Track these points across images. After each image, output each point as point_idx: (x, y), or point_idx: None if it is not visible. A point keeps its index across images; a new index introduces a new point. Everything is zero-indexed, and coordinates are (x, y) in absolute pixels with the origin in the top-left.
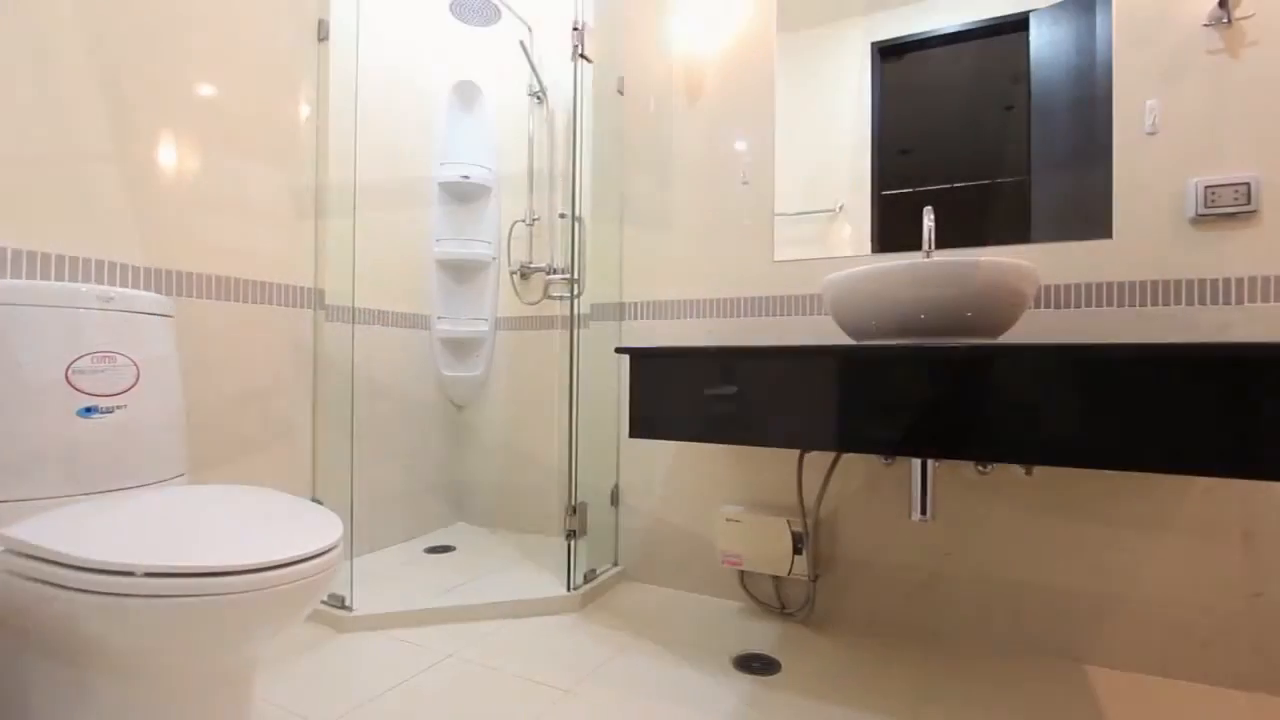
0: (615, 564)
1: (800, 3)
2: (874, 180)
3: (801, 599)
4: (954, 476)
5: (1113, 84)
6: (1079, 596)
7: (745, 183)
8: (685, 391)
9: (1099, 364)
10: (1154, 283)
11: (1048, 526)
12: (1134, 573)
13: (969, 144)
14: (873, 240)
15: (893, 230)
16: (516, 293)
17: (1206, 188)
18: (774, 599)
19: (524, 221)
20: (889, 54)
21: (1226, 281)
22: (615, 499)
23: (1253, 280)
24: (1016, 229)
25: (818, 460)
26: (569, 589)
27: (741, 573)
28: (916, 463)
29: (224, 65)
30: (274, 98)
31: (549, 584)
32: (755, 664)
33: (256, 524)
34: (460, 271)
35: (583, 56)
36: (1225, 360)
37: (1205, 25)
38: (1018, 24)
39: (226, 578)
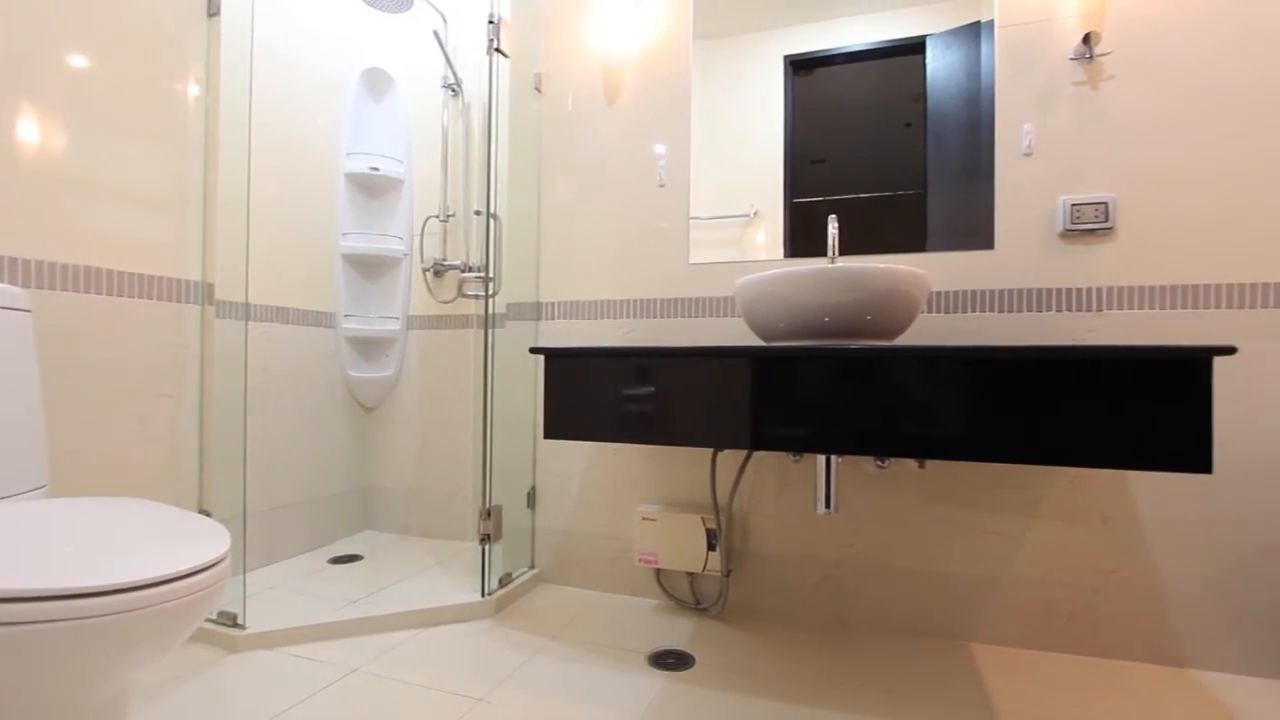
0: (532, 567)
1: (715, 13)
2: (787, 187)
3: (715, 594)
4: (856, 471)
5: (995, 108)
6: (964, 579)
7: (662, 185)
8: (600, 392)
9: (979, 365)
10: (1029, 290)
11: (938, 516)
12: (1010, 556)
13: (874, 157)
14: (785, 245)
15: (805, 236)
16: (430, 291)
17: (1073, 205)
18: (689, 595)
19: (438, 217)
20: (800, 67)
21: (1089, 291)
22: (532, 501)
23: (1111, 290)
24: (914, 238)
25: (731, 458)
26: (483, 595)
27: (658, 571)
28: (821, 459)
29: (98, 34)
30: (157, 73)
31: (462, 590)
32: (670, 660)
33: (127, 539)
34: (369, 267)
35: (499, 51)
36: (1083, 362)
37: (1072, 59)
38: (916, 46)
39: (90, 599)
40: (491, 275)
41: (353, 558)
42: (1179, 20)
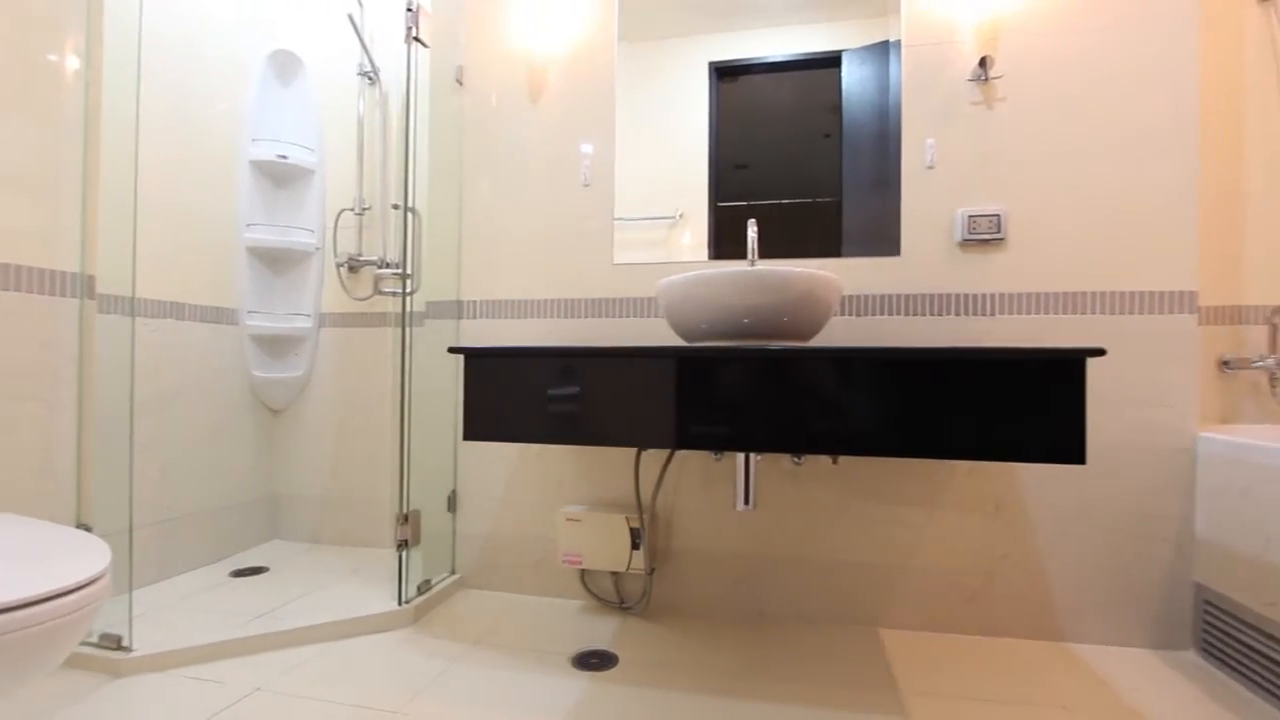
0: (453, 572)
1: (640, 16)
2: (712, 191)
3: (639, 592)
4: (775, 468)
5: (902, 122)
6: (874, 568)
7: (587, 185)
8: (522, 393)
9: (886, 366)
10: (932, 296)
11: (850, 509)
12: (915, 544)
13: (795, 165)
14: (710, 247)
15: (730, 239)
16: (344, 287)
17: (969, 217)
18: (614, 595)
19: (353, 210)
20: (725, 74)
21: (985, 296)
22: (453, 505)
23: (1003, 296)
24: (831, 244)
25: (655, 457)
26: (400, 603)
27: (582, 571)
28: (741, 457)
29: None
30: (27, 41)
31: (378, 599)
32: (593, 660)
33: None
34: (277, 261)
35: (418, 40)
36: (976, 363)
37: (969, 80)
38: (833, 60)
39: None
40: (410, 272)
41: (258, 569)
42: (1062, 53)
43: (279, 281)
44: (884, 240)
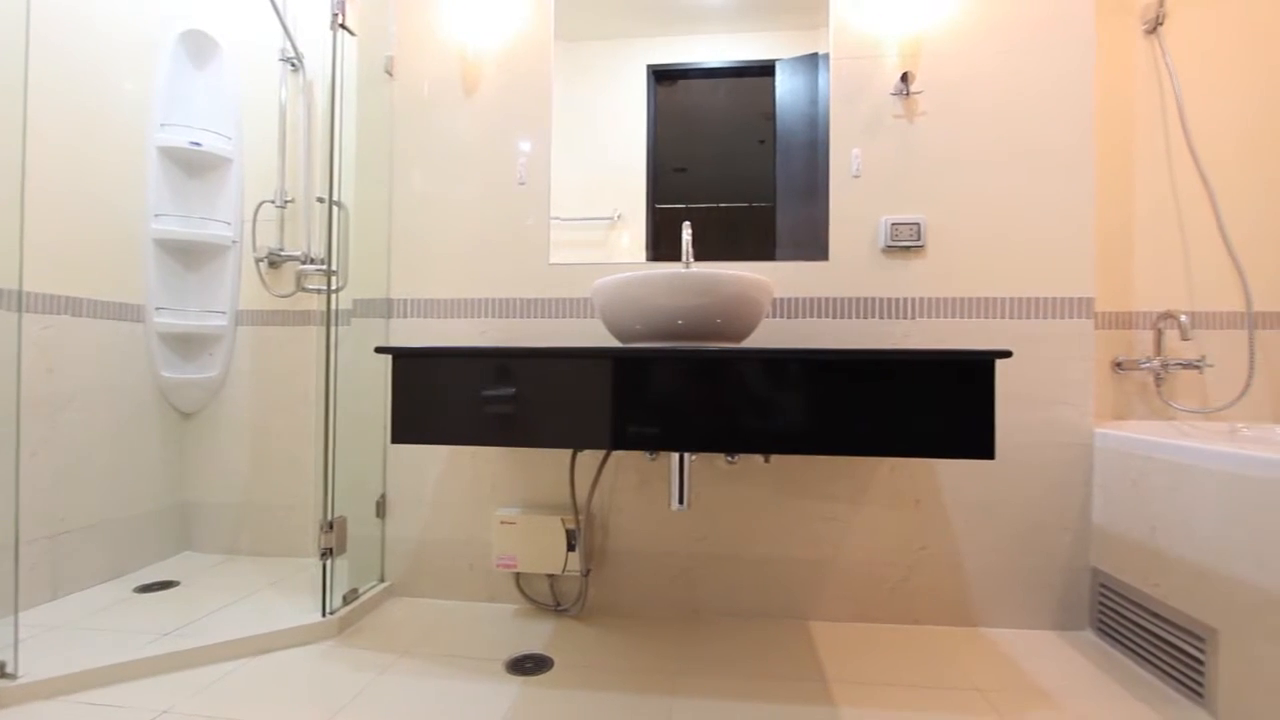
0: (381, 580)
1: (577, 16)
2: (650, 193)
3: (575, 594)
4: (709, 467)
5: (830, 132)
6: (803, 563)
7: (522, 183)
8: (454, 394)
9: (814, 367)
10: (858, 299)
11: (782, 506)
12: (842, 539)
13: (731, 169)
14: (648, 249)
15: (668, 241)
16: (264, 283)
17: (892, 224)
18: (549, 597)
19: (274, 202)
20: (663, 78)
21: (907, 300)
22: (381, 510)
23: (923, 300)
24: (766, 248)
25: (591, 458)
26: (324, 614)
27: (517, 575)
28: (675, 457)
29: None
30: None
31: (301, 611)
32: (528, 664)
33: None
34: (189, 255)
35: (344, 27)
36: (896, 364)
37: (892, 94)
38: (768, 69)
39: None
40: (335, 268)
41: (167, 584)
42: (975, 72)
43: (192, 277)
44: (814, 245)
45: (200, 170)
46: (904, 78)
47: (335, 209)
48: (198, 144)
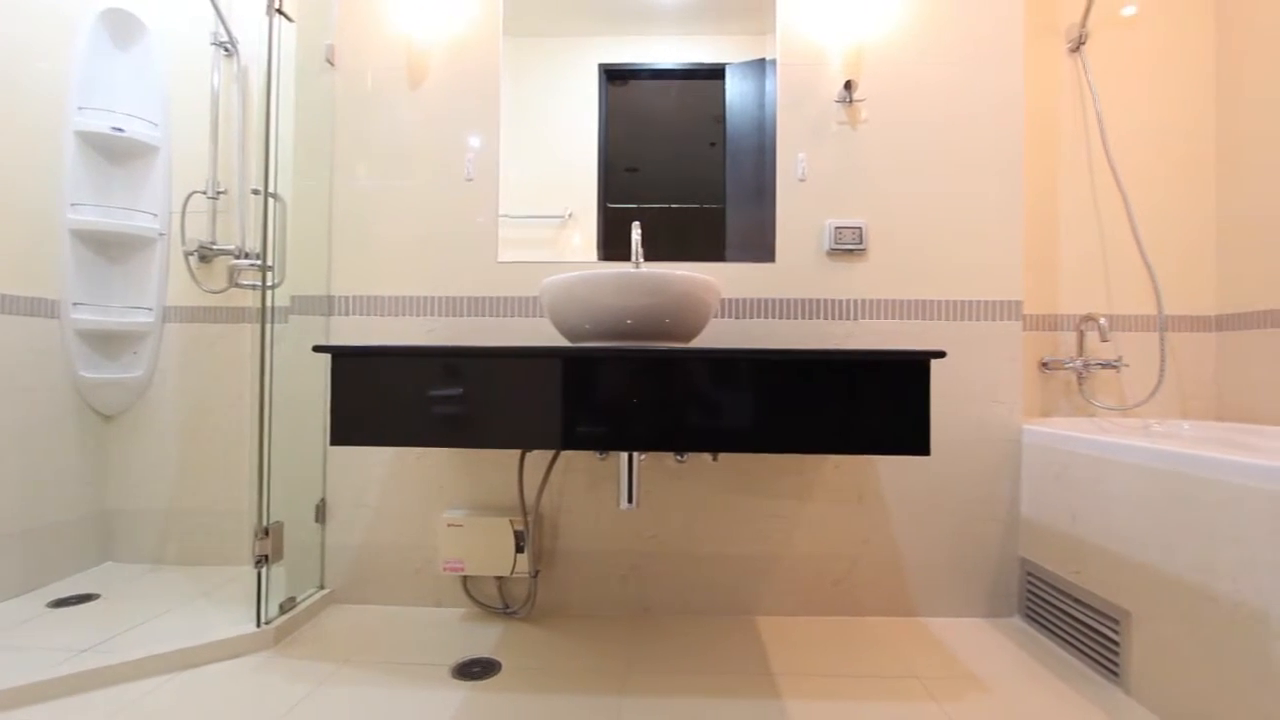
0: (321, 587)
1: (528, 11)
2: (601, 192)
3: (524, 596)
4: (658, 466)
5: (776, 136)
6: (751, 559)
7: (470, 179)
8: (397, 394)
9: (761, 366)
10: (803, 300)
11: (730, 503)
12: (789, 534)
13: (683, 170)
14: (599, 248)
15: (619, 240)
16: (194, 278)
17: (836, 228)
18: (498, 600)
19: (205, 193)
20: (615, 77)
21: (850, 302)
22: (322, 515)
23: (865, 302)
24: (716, 249)
25: (540, 458)
26: (259, 624)
27: (465, 578)
28: (624, 456)
29: None
30: None
31: (234, 622)
32: (475, 669)
33: None
34: (111, 247)
35: (280, 12)
36: (839, 364)
37: (836, 101)
38: (719, 72)
39: None
40: (271, 263)
41: (85, 597)
42: (913, 83)
43: (114, 270)
44: (762, 247)
45: (124, 158)
46: (847, 85)
47: (271, 201)
48: (120, 129)
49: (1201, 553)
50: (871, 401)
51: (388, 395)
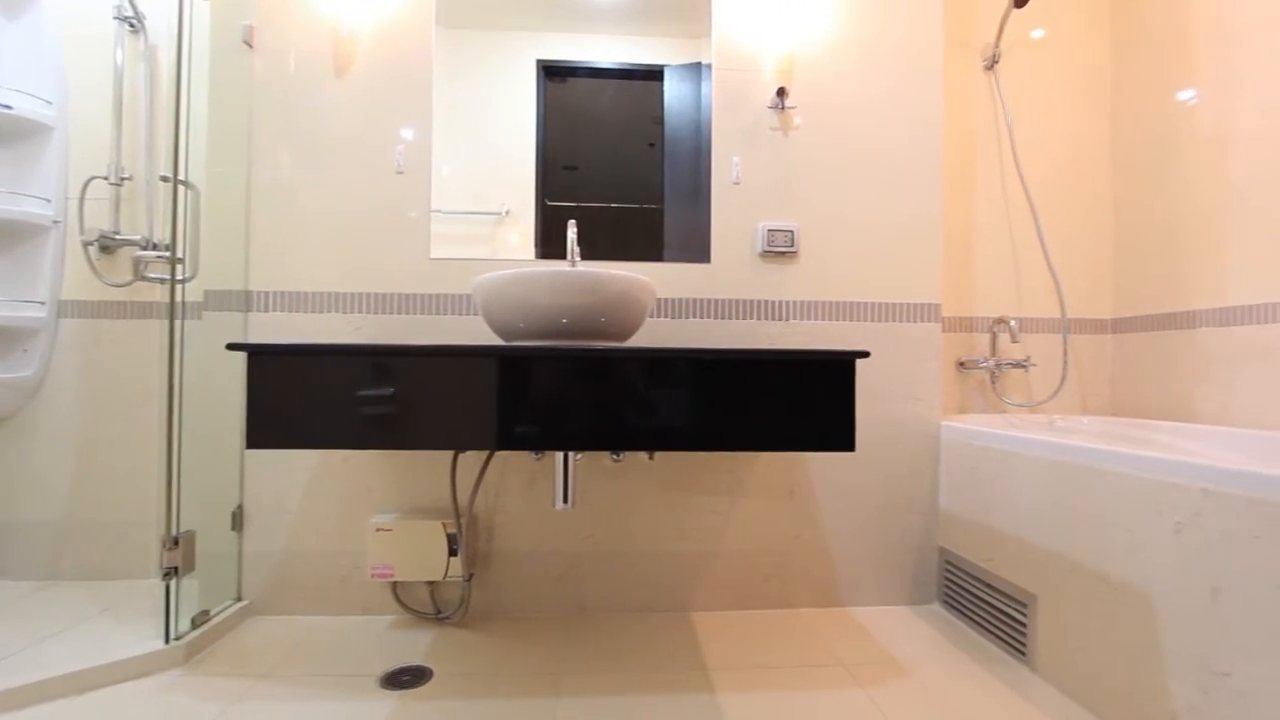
0: (239, 599)
1: (462, 2)
2: (539, 190)
3: (457, 600)
4: (595, 466)
5: (712, 139)
6: (687, 556)
7: (401, 173)
8: (320, 394)
9: (694, 366)
10: (736, 301)
11: (666, 501)
12: (723, 531)
13: (622, 170)
14: (537, 246)
15: (557, 238)
16: (94, 270)
17: (768, 231)
18: (430, 605)
19: (106, 179)
20: (553, 74)
21: (782, 304)
22: (238, 523)
23: (795, 303)
24: (654, 249)
25: (474, 459)
26: (168, 640)
27: (394, 584)
28: (559, 456)
29: None
30: None
31: (139, 639)
32: (405, 677)
33: None
34: None
35: None
36: (768, 364)
37: (769, 107)
38: (657, 74)
39: None
40: (181, 255)
41: None
42: (841, 93)
43: (0, 260)
44: (698, 248)
45: (10, 138)
46: (780, 92)
47: (182, 189)
48: (8, 106)
49: (1096, 538)
50: (801, 400)
51: (310, 396)
